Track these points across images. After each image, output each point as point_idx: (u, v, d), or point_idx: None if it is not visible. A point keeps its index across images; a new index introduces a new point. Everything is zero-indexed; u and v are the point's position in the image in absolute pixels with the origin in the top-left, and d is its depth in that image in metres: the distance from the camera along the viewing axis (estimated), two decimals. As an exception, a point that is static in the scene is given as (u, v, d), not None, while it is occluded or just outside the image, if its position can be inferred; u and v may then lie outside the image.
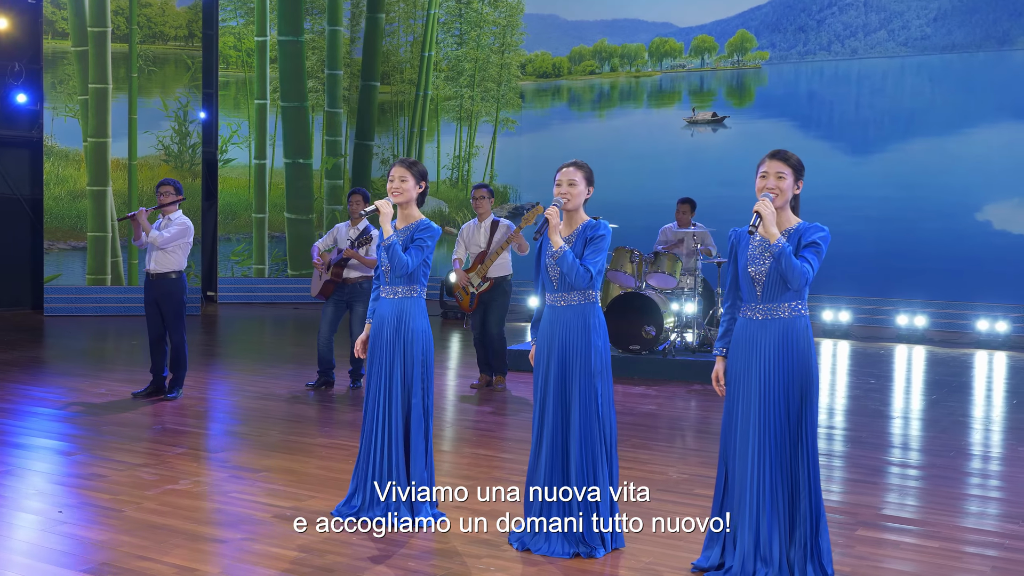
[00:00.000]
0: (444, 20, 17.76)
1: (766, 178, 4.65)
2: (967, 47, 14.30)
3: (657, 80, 16.40)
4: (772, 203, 4.58)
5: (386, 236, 5.39)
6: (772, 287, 4.55)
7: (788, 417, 4.53)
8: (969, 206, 14.11)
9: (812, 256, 4.51)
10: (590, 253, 5.02)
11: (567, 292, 5.06)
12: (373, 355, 5.53)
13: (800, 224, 4.63)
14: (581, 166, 5.15)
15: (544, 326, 5.15)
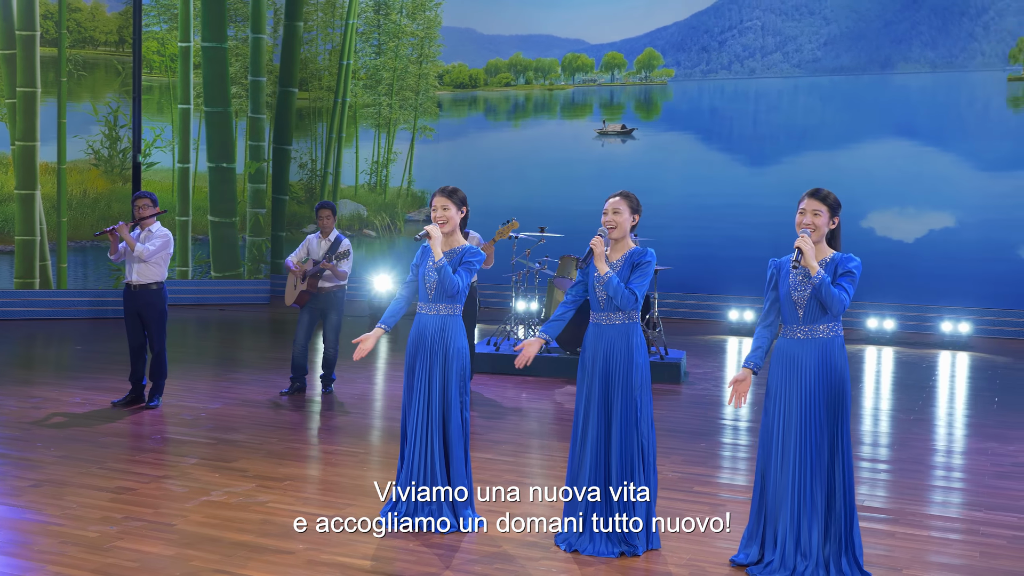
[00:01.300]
0: (363, 30, 17.67)
1: (804, 214, 4.95)
2: (854, 70, 15.08)
3: (570, 93, 16.72)
4: (810, 238, 4.86)
5: (436, 259, 5.50)
6: (812, 311, 4.87)
7: (826, 426, 4.85)
8: (855, 214, 14.85)
9: (848, 284, 4.83)
10: (636, 277, 5.24)
11: (613, 312, 5.28)
12: (414, 368, 5.64)
13: (835, 255, 4.95)
14: (627, 196, 5.36)
15: (589, 341, 5.36)
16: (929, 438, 8.15)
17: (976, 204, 14.30)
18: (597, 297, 5.33)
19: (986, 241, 14.23)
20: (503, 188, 16.55)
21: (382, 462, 7.04)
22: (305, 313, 9.29)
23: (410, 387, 5.65)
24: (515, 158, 16.76)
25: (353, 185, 17.76)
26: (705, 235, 15.58)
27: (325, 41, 17.80)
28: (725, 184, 15.51)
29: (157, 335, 8.58)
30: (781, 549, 4.89)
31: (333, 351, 9.37)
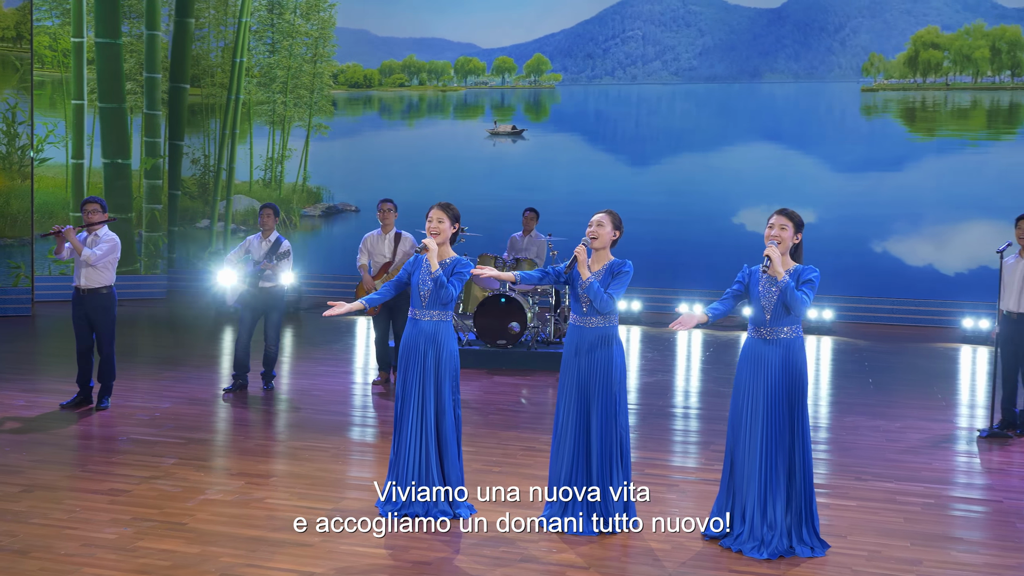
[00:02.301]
0: (256, 28, 17.50)
1: (772, 228, 5.51)
2: (726, 78, 15.97)
3: (462, 95, 17.05)
4: (777, 248, 5.42)
5: (433, 270, 5.81)
6: (778, 314, 5.43)
7: (787, 415, 5.43)
8: (727, 211, 15.79)
9: (809, 290, 5.42)
10: (615, 285, 5.70)
11: (594, 316, 5.72)
12: (408, 371, 5.94)
13: (798, 266, 5.52)
14: (611, 213, 5.81)
15: (571, 343, 5.79)
16: (822, 418, 8.93)
17: (834, 202, 15.38)
18: (580, 302, 5.75)
19: (843, 236, 15.32)
20: (398, 185, 16.74)
21: (357, 457, 7.29)
22: (247, 312, 9.37)
23: (404, 389, 5.94)
24: (409, 156, 16.99)
25: (247, 181, 17.60)
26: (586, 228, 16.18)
27: (218, 38, 17.54)
28: (609, 182, 16.16)
29: (107, 338, 8.53)
30: (750, 522, 5.44)
31: (274, 348, 9.49)
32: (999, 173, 14.89)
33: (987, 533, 5.88)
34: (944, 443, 8.03)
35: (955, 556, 5.44)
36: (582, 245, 5.74)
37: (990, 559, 5.42)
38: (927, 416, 9.01)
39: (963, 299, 14.60)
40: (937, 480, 6.96)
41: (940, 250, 15.07)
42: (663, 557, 5.33)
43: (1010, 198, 14.60)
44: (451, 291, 5.85)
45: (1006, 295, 8.23)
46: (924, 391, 10.20)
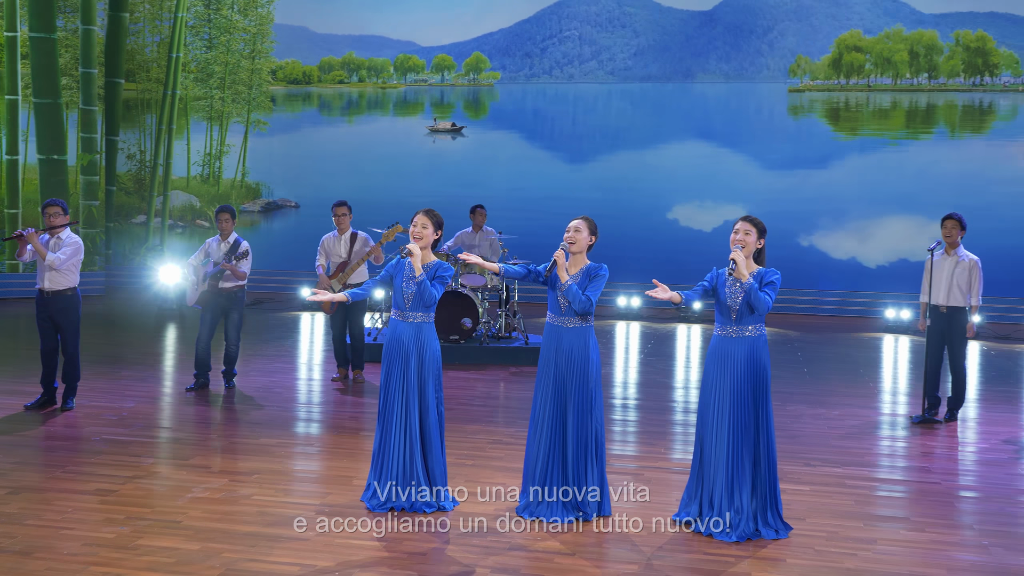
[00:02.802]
0: (193, 24, 17.39)
1: (737, 233, 5.89)
2: (660, 78, 16.44)
3: (402, 92, 17.22)
4: (741, 252, 5.81)
5: (418, 275, 6.07)
6: (743, 314, 5.83)
7: (752, 408, 5.83)
8: (661, 207, 16.28)
9: (771, 291, 5.82)
10: (592, 287, 6.04)
11: (571, 317, 6.05)
12: (391, 370, 6.19)
13: (761, 269, 5.91)
14: (588, 219, 6.14)
15: (549, 342, 6.10)
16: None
17: (763, 198, 15.97)
18: (559, 303, 6.07)
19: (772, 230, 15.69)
20: (338, 181, 16.88)
21: (332, 452, 7.50)
22: (208, 313, 9.47)
23: (388, 388, 6.19)
24: (349, 152, 17.11)
25: (185, 176, 17.51)
26: (529, 226, 16.47)
27: (153, 33, 17.39)
28: (547, 179, 16.52)
29: (72, 339, 8.57)
30: (718, 506, 5.84)
31: (235, 348, 9.61)
32: (917, 171, 15.64)
33: (929, 512, 6.37)
34: (880, 428, 8.56)
35: (904, 534, 5.91)
36: (560, 250, 6.05)
37: (935, 536, 5.90)
38: (861, 403, 9.56)
39: (885, 290, 15.32)
40: (879, 464, 7.47)
41: (863, 244, 15.77)
42: (640, 542, 5.69)
43: (928, 194, 15.38)
44: (434, 294, 6.11)
45: (935, 290, 8.77)
46: (855, 379, 10.78)
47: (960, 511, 6.41)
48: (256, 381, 9.98)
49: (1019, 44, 15.45)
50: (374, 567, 5.22)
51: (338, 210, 10.02)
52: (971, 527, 6.09)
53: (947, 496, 6.71)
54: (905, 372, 11.55)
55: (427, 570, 5.22)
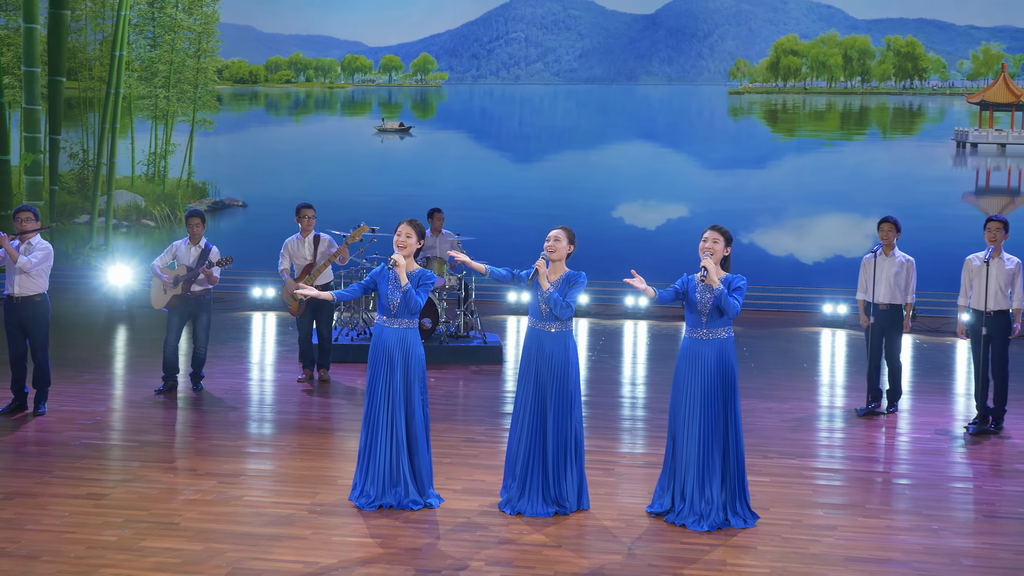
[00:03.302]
0: (136, 22, 17.32)
1: (706, 241, 6.31)
2: (605, 80, 16.88)
3: (350, 92, 17.39)
4: (711, 260, 6.23)
5: (403, 284, 6.37)
6: (712, 317, 6.25)
7: (721, 406, 6.26)
8: (606, 206, 16.72)
9: (739, 296, 6.25)
10: (571, 294, 6.40)
11: (552, 322, 6.41)
12: (377, 374, 6.49)
13: (728, 275, 6.33)
14: (566, 229, 6.49)
15: (531, 345, 6.45)
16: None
17: (704, 197, 16.53)
18: (540, 309, 6.43)
19: (713, 228, 16.48)
20: (286, 180, 17.00)
21: (312, 453, 7.75)
22: (175, 316, 9.63)
23: (373, 393, 6.49)
24: (297, 152, 17.24)
25: (130, 175, 17.46)
26: (477, 224, 16.81)
27: (96, 31, 17.28)
28: (495, 178, 16.86)
29: (41, 345, 8.68)
30: (690, 499, 6.26)
31: (203, 350, 9.78)
32: (851, 170, 16.33)
33: (882, 500, 6.88)
34: (828, 420, 9.09)
35: (862, 521, 6.40)
36: (541, 259, 6.39)
37: (889, 522, 6.40)
38: (807, 396, 10.10)
39: (821, 286, 15.97)
40: (832, 455, 7.98)
41: (800, 241, 16.41)
42: (619, 534, 6.08)
43: (861, 193, 16.08)
44: (419, 301, 6.42)
45: (876, 289, 9.31)
46: (799, 372, 11.34)
47: (909, 498, 6.92)
48: (222, 383, 10.14)
49: (946, 49, 16.23)
50: (374, 563, 5.53)
51: (305, 212, 10.23)
52: (920, 513, 6.61)
53: (896, 485, 7.23)
54: (843, 365, 12.14)
55: (424, 564, 5.54)
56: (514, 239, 16.30)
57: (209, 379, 10.16)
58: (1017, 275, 8.64)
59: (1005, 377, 8.67)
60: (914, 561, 5.74)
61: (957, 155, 16.25)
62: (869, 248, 9.46)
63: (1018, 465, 7.72)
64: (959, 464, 7.83)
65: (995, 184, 16.26)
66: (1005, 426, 8.74)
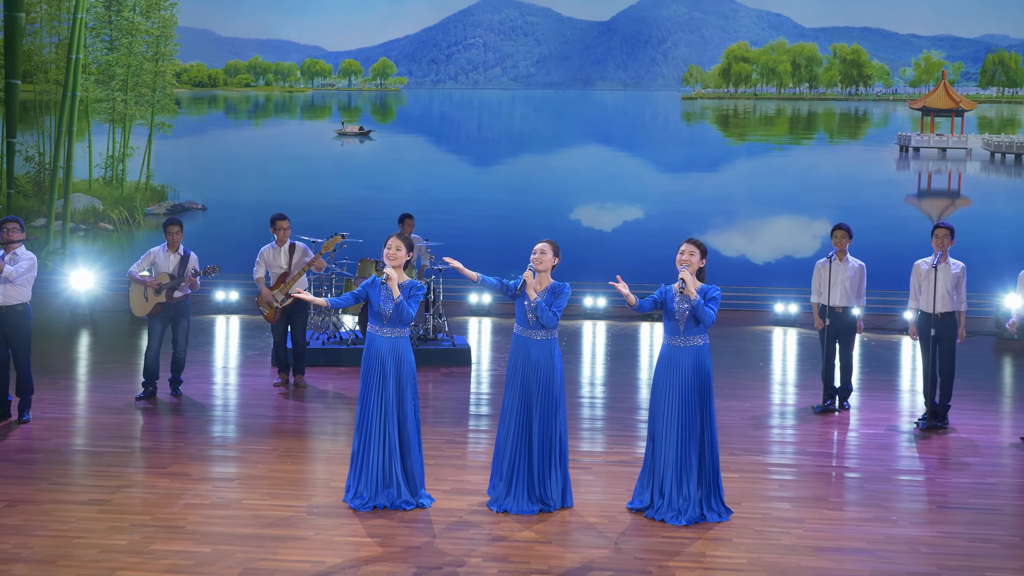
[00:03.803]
0: (93, 25, 17.35)
1: (683, 254, 6.76)
2: (562, 85, 17.32)
3: (309, 96, 17.61)
4: (688, 271, 6.67)
5: (395, 297, 6.72)
6: (689, 326, 6.70)
7: (698, 409, 6.72)
8: (563, 208, 17.17)
9: (714, 305, 6.70)
10: (557, 303, 6.81)
11: (538, 330, 6.81)
12: (370, 381, 6.84)
13: (703, 286, 6.78)
14: (551, 242, 6.89)
15: (517, 351, 6.85)
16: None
17: (659, 199, 17.05)
18: (527, 317, 6.82)
19: (667, 230, 16.99)
20: (246, 183, 17.18)
21: (301, 456, 8.06)
22: (157, 322, 9.84)
23: (366, 399, 6.83)
24: (257, 155, 17.42)
25: (87, 179, 17.49)
26: (437, 227, 17.14)
27: (51, 34, 17.28)
28: (454, 182, 17.22)
29: (24, 353, 8.86)
30: (668, 496, 6.71)
31: (183, 355, 10.00)
32: (800, 174, 16.97)
33: (843, 493, 7.40)
34: (786, 418, 9.62)
35: (826, 514, 6.91)
36: (529, 271, 6.78)
37: (851, 514, 6.92)
38: (766, 394, 10.63)
39: (772, 286, 16.59)
40: (794, 451, 8.50)
41: (751, 242, 17.02)
42: (604, 529, 6.50)
43: (809, 196, 16.73)
44: (411, 312, 6.78)
45: (831, 293, 9.84)
46: (756, 371, 11.88)
47: (867, 491, 7.45)
48: (199, 388, 10.38)
49: (890, 57, 16.93)
50: (378, 562, 5.88)
51: (280, 223, 10.48)
52: (879, 504, 7.13)
53: (855, 478, 7.76)
54: (795, 364, 12.70)
55: (425, 562, 5.91)
56: (473, 242, 16.66)
57: (185, 384, 10.38)
58: (962, 279, 9.23)
59: (951, 375, 9.26)
60: (877, 550, 6.25)
61: (900, 159, 16.97)
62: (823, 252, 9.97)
63: (965, 458, 8.30)
64: (911, 458, 8.39)
65: (936, 187, 17.02)
66: (951, 421, 9.33)
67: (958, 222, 13.41)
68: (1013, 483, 7.74)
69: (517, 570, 5.83)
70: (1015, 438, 8.90)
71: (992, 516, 6.89)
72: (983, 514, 6.92)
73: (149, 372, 9.87)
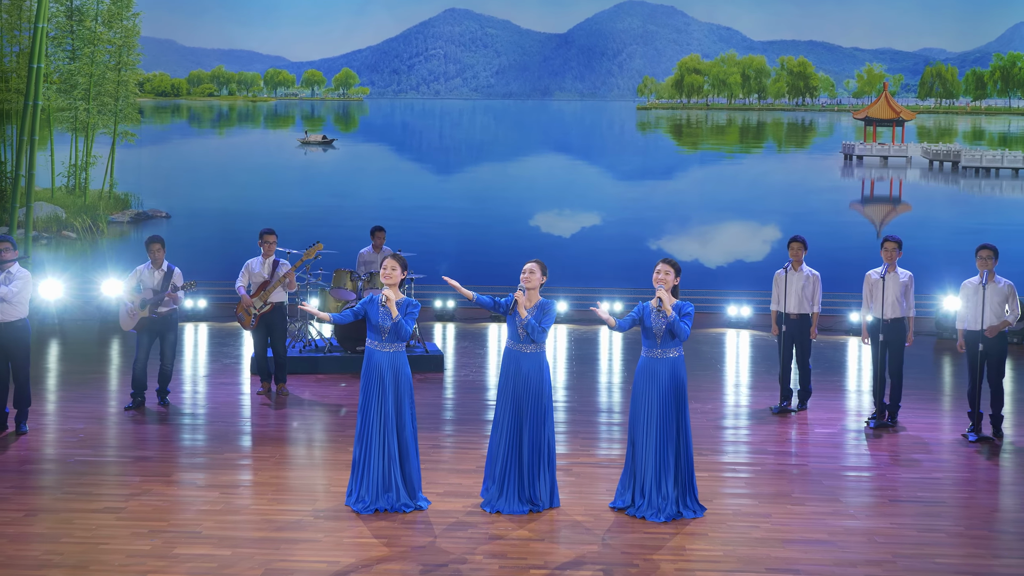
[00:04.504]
0: (55, 34, 17.55)
1: (659, 273, 7.38)
2: (520, 95, 17.95)
3: (273, 105, 18.03)
4: (664, 289, 7.31)
5: (394, 316, 7.27)
6: (665, 339, 7.35)
7: (674, 414, 7.36)
8: (523, 215, 17.81)
9: (688, 320, 7.35)
10: (545, 320, 7.40)
11: (528, 344, 7.41)
12: (370, 393, 7.37)
13: (678, 302, 7.42)
14: (539, 262, 7.49)
15: (508, 364, 7.43)
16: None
17: (615, 206, 17.77)
18: (518, 333, 7.41)
19: (624, 235, 17.75)
20: (209, 191, 17.53)
21: (298, 463, 8.57)
22: (144, 335, 10.25)
23: (367, 410, 7.37)
24: (221, 163, 17.81)
25: (49, 187, 17.69)
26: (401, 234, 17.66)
27: (12, 43, 17.45)
28: (417, 189, 17.77)
29: (22, 367, 9.23)
30: (648, 495, 7.35)
31: (169, 367, 10.43)
32: (750, 181, 17.81)
33: (804, 489, 8.11)
34: (747, 419, 10.33)
35: (790, 508, 7.60)
36: (519, 291, 7.36)
37: (813, 508, 7.62)
38: (724, 396, 11.34)
39: (725, 288, 17.38)
40: (756, 451, 9.20)
41: (704, 247, 17.81)
42: (591, 527, 7.12)
43: (759, 202, 17.56)
44: (408, 329, 7.33)
45: (786, 301, 10.57)
46: (714, 373, 12.60)
47: (825, 487, 8.16)
48: (184, 398, 10.80)
49: (835, 69, 17.83)
50: (388, 561, 6.43)
51: (268, 238, 10.94)
52: (837, 499, 7.84)
53: (815, 475, 8.48)
54: (748, 366, 13.44)
55: (431, 559, 6.47)
56: (436, 247, 17.23)
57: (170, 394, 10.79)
58: (910, 287, 10.01)
59: (900, 377, 10.04)
60: (837, 541, 6.95)
61: (845, 167, 17.88)
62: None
63: (914, 455, 9.08)
64: (864, 455, 9.15)
65: (879, 193, 17.96)
66: (900, 420, 10.12)
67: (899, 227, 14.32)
68: (956, 477, 8.52)
69: (516, 565, 6.42)
70: (957, 435, 9.71)
71: (939, 508, 7.64)
72: (931, 506, 7.67)
73: (137, 383, 10.27)
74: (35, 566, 6.24)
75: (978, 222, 17.50)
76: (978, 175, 17.90)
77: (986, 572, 6.47)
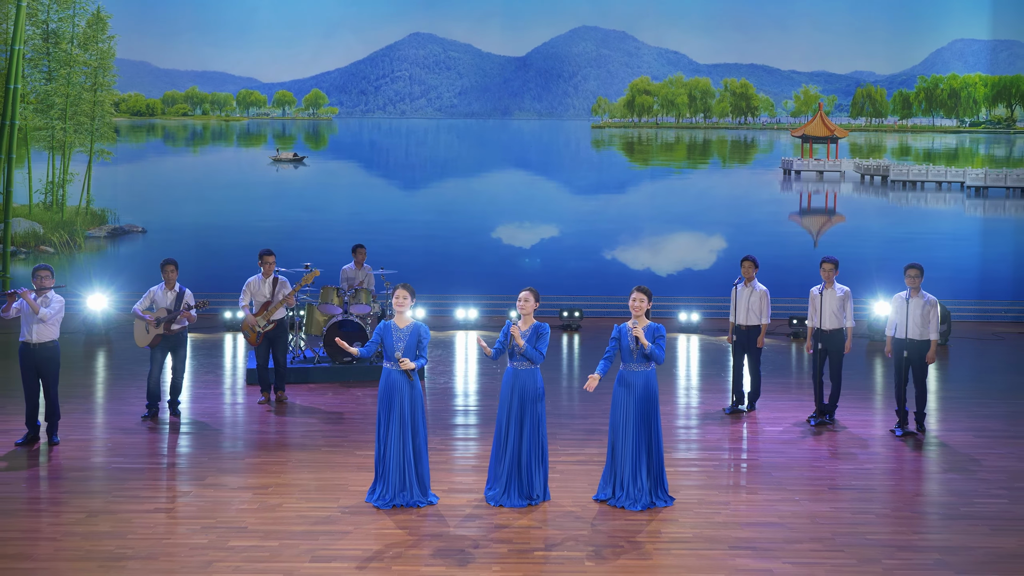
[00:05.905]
0: (31, 56, 18.40)
1: (635, 301, 8.73)
2: (483, 115, 19.24)
3: (245, 124, 19.07)
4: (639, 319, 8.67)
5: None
6: (640, 358, 8.71)
7: (648, 419, 8.74)
8: (486, 227, 19.10)
9: (662, 343, 8.72)
10: (540, 343, 8.72)
11: (525, 363, 8.72)
12: (391, 406, 8.61)
13: (651, 324, 8.79)
14: (532, 290, 8.80)
15: (509, 379, 8.74)
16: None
17: (572, 218, 19.14)
18: (516, 355, 8.72)
19: (580, 246, 19.13)
20: (185, 208, 18.54)
21: (316, 465, 9.76)
22: (158, 351, 11.35)
23: (389, 421, 8.61)
24: (195, 180, 18.81)
25: (27, 204, 18.53)
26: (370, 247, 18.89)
27: (-11, 65, 18.25)
28: (385, 204, 18.96)
29: (53, 383, 10.30)
30: (626, 488, 8.72)
31: (180, 379, 11.54)
32: (697, 195, 19.31)
33: (756, 479, 9.54)
34: (702, 418, 11.76)
35: (745, 496, 9.04)
36: (515, 327, 8.65)
37: (764, 496, 9.06)
38: (678, 398, 12.77)
39: (675, 295, 18.86)
40: (714, 447, 10.63)
41: (655, 256, 19.26)
42: (580, 516, 8.48)
43: (705, 214, 19.07)
44: (422, 363, 8.62)
45: (738, 314, 12.01)
46: (668, 376, 14.03)
47: (774, 478, 9.61)
48: (196, 408, 11.91)
49: (774, 91, 19.41)
50: (416, 546, 7.71)
51: (267, 258, 12.08)
52: (784, 488, 9.29)
53: (767, 468, 9.93)
54: (698, 368, 14.90)
55: (453, 544, 7.76)
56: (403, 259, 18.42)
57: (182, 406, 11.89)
58: (847, 301, 11.52)
59: (839, 380, 11.55)
60: (787, 523, 8.39)
61: (784, 181, 19.49)
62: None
63: (851, 449, 10.58)
64: (807, 450, 10.63)
65: (815, 205, 19.59)
66: (837, 418, 11.63)
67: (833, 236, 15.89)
68: (884, 468, 10.03)
69: (522, 548, 7.74)
70: (885, 431, 11.24)
71: (870, 495, 9.13)
72: (863, 493, 9.15)
73: (152, 395, 11.38)
74: (113, 558, 7.39)
75: (905, 231, 19.23)
76: (905, 188, 19.64)
77: (908, 545, 7.96)
